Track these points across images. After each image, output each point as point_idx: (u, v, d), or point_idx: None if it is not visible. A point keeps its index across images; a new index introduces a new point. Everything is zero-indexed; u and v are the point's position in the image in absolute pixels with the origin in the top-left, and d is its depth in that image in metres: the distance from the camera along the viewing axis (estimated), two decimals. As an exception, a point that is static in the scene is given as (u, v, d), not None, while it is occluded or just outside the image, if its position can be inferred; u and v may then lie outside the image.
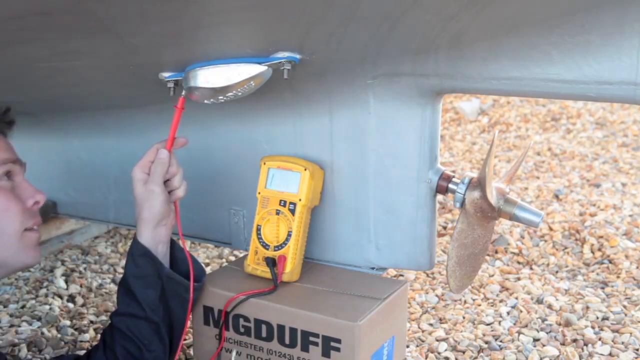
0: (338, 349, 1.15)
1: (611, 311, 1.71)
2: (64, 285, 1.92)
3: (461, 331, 1.64)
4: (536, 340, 1.60)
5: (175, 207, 1.22)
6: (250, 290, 1.23)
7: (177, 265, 1.23)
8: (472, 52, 1.10)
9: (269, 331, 1.21)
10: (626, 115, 3.73)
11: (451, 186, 1.25)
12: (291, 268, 1.27)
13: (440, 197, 1.31)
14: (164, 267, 1.18)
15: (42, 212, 1.80)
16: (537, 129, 3.63)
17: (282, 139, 1.37)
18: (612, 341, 1.58)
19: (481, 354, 1.55)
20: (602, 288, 1.85)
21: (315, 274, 1.33)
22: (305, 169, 1.28)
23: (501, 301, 1.79)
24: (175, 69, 1.13)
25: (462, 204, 1.24)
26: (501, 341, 1.60)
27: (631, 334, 1.60)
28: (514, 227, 2.22)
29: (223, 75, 1.07)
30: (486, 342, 1.59)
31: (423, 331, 1.65)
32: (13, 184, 1.15)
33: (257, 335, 1.22)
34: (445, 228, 2.29)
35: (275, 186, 1.30)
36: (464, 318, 1.70)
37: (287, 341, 1.20)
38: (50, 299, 1.83)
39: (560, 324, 1.67)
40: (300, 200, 1.27)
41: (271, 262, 1.27)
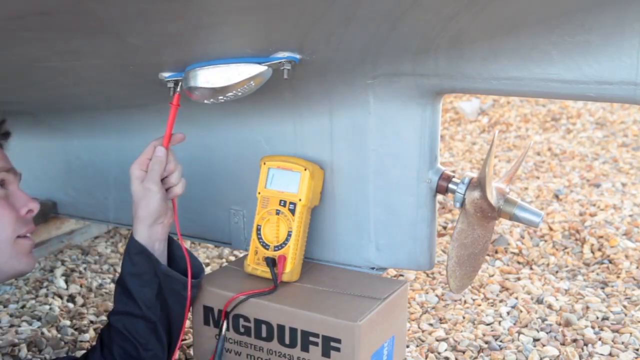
0: (338, 349, 1.15)
1: (611, 311, 1.71)
2: (64, 285, 1.92)
3: (461, 331, 1.64)
4: (536, 340, 1.60)
5: (174, 204, 1.21)
6: (250, 290, 1.23)
7: (176, 262, 1.23)
8: (472, 52, 1.10)
9: (269, 331, 1.21)
10: (626, 115, 3.73)
11: (451, 186, 1.25)
12: (291, 268, 1.27)
13: (440, 197, 1.31)
14: (160, 265, 1.17)
15: (42, 212, 1.83)
16: (537, 129, 3.63)
17: (282, 139, 1.37)
18: (612, 341, 1.58)
19: (481, 354, 1.55)
20: (602, 288, 1.85)
21: (315, 274, 1.33)
22: (305, 169, 1.28)
23: (501, 301, 1.79)
24: (175, 69, 1.13)
25: (462, 204, 1.24)
26: (501, 341, 1.60)
27: (631, 334, 1.60)
28: (514, 227, 2.22)
29: (223, 75, 1.07)
30: (486, 342, 1.59)
31: (423, 331, 1.65)
32: (7, 192, 1.17)
33: (257, 335, 1.22)
34: (445, 228, 2.29)
35: (275, 186, 1.30)
36: (464, 318, 1.70)
37: (287, 341, 1.20)
38: (50, 299, 1.83)
39: (560, 324, 1.67)
40: (300, 200, 1.27)
41: (271, 262, 1.27)
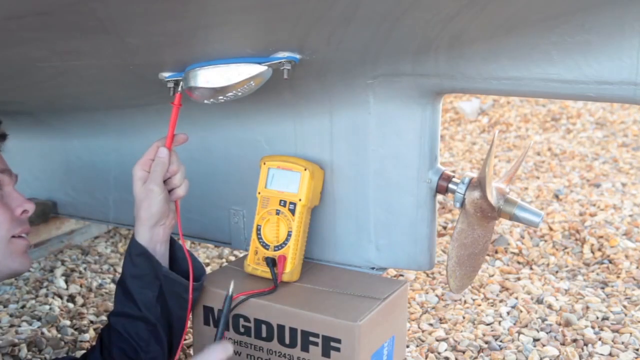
0: (338, 349, 1.15)
1: (611, 311, 1.71)
2: (64, 285, 1.92)
3: (461, 331, 1.64)
4: (536, 340, 1.60)
5: (176, 206, 1.21)
6: (250, 290, 1.23)
7: (178, 264, 1.22)
8: (472, 52, 1.10)
9: (269, 331, 1.21)
10: (626, 115, 3.73)
11: (451, 186, 1.25)
12: (291, 268, 1.27)
13: (440, 197, 1.31)
14: (161, 267, 1.17)
15: (42, 212, 1.84)
16: (537, 129, 3.63)
17: (282, 139, 1.37)
18: (612, 341, 1.58)
19: (481, 354, 1.55)
20: (602, 288, 1.85)
21: (315, 274, 1.33)
22: (305, 169, 1.28)
23: (501, 301, 1.79)
24: (175, 69, 1.13)
25: (462, 204, 1.23)
26: (501, 341, 1.60)
27: (631, 334, 1.60)
28: (514, 227, 2.22)
29: (223, 75, 1.06)
30: (486, 342, 1.59)
31: (423, 331, 1.65)
32: (2, 193, 1.17)
33: (257, 335, 1.22)
34: (445, 228, 2.29)
35: (275, 186, 1.30)
36: (464, 318, 1.70)
37: (287, 341, 1.19)
38: (50, 299, 1.83)
39: (560, 324, 1.67)
40: (300, 200, 1.27)
41: (271, 262, 1.27)
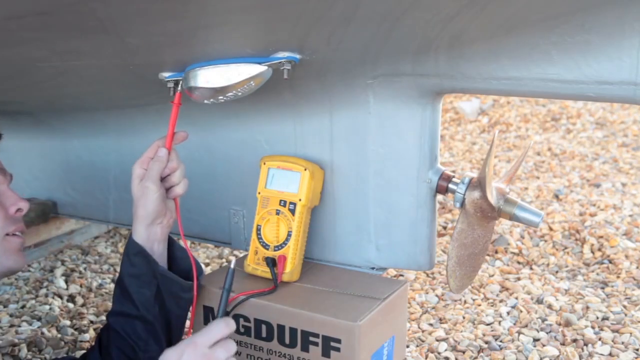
0: (338, 349, 1.15)
1: (611, 311, 1.71)
2: (64, 285, 1.92)
3: (461, 331, 1.64)
4: (536, 340, 1.60)
5: (176, 204, 1.21)
6: (250, 290, 1.23)
7: (177, 264, 1.22)
8: (472, 52, 1.10)
9: (269, 331, 1.21)
10: (626, 115, 3.73)
11: (451, 186, 1.25)
12: (291, 268, 1.27)
13: (440, 197, 1.31)
14: (158, 266, 1.17)
15: (42, 212, 1.84)
16: (537, 129, 3.63)
17: (282, 139, 1.37)
18: (612, 341, 1.58)
19: (481, 354, 1.55)
20: (602, 288, 1.85)
21: (315, 274, 1.33)
22: (305, 169, 1.28)
23: (501, 301, 1.79)
24: (175, 69, 1.13)
25: (462, 204, 1.23)
26: (501, 341, 1.60)
27: (631, 334, 1.60)
28: (514, 227, 2.22)
29: (223, 75, 1.06)
30: (486, 342, 1.59)
31: (423, 331, 1.65)
32: None
33: (257, 335, 1.22)
34: (445, 228, 2.29)
35: (275, 186, 1.30)
36: (464, 318, 1.70)
37: (287, 341, 1.19)
38: (50, 299, 1.83)
39: (560, 324, 1.67)
40: (300, 200, 1.27)
41: (271, 262, 1.27)
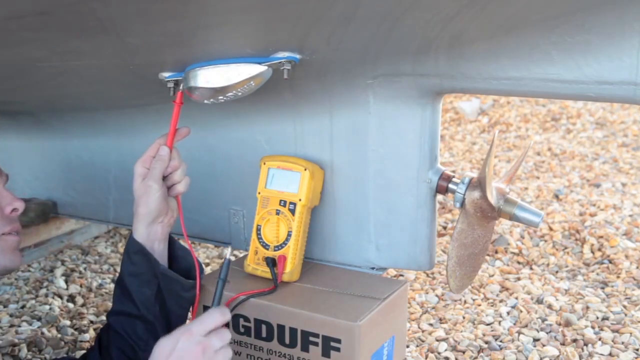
0: (338, 349, 1.15)
1: (611, 311, 1.71)
2: (64, 285, 1.92)
3: (461, 331, 1.64)
4: (536, 340, 1.60)
5: (178, 203, 1.21)
6: (250, 290, 1.23)
7: (177, 263, 1.22)
8: (472, 52, 1.10)
9: (269, 331, 1.21)
10: (626, 115, 3.73)
11: (451, 186, 1.25)
12: (291, 268, 1.27)
13: (440, 197, 1.31)
14: (159, 265, 1.17)
15: (42, 212, 1.84)
16: (537, 129, 3.63)
17: (282, 139, 1.37)
18: (612, 341, 1.58)
19: (481, 354, 1.55)
20: (602, 288, 1.85)
21: (315, 274, 1.33)
22: (305, 169, 1.28)
23: (501, 301, 1.79)
24: (175, 69, 1.13)
25: (462, 204, 1.23)
26: (501, 341, 1.60)
27: (631, 334, 1.60)
28: (514, 227, 2.22)
29: (223, 75, 1.06)
30: (486, 342, 1.59)
31: (423, 331, 1.65)
32: None
33: (257, 335, 1.22)
34: (445, 228, 2.29)
35: (275, 186, 1.30)
36: (464, 318, 1.70)
37: (287, 341, 1.19)
38: (50, 299, 1.83)
39: (560, 324, 1.67)
40: (300, 200, 1.27)
41: (271, 262, 1.27)
